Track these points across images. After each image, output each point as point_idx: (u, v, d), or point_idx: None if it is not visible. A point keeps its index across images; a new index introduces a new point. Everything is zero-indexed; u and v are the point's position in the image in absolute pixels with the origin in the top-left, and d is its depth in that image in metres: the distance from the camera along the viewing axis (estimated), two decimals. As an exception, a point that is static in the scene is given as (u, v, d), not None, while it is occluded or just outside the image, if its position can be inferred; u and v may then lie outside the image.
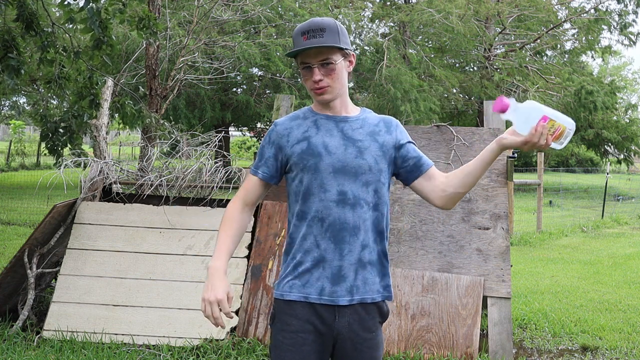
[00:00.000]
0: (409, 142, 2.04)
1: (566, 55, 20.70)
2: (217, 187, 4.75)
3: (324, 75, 1.91)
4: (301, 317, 1.91)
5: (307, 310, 1.90)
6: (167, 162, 5.06)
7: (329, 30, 1.89)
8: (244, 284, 4.21)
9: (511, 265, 4.24)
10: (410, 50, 17.08)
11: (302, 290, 1.91)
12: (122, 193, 4.84)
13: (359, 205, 1.91)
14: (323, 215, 1.90)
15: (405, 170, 2.02)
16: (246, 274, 4.26)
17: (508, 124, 1.89)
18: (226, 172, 4.82)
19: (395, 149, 2.01)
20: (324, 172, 1.91)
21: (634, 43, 18.86)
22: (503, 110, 1.87)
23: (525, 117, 1.85)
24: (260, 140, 24.30)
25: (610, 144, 20.53)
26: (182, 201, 4.72)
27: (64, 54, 5.25)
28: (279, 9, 14.81)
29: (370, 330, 1.94)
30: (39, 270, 4.26)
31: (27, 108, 20.64)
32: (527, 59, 17.94)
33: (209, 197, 4.67)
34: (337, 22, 1.94)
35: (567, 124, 1.87)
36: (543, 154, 11.24)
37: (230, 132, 23.22)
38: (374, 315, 1.95)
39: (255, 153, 4.86)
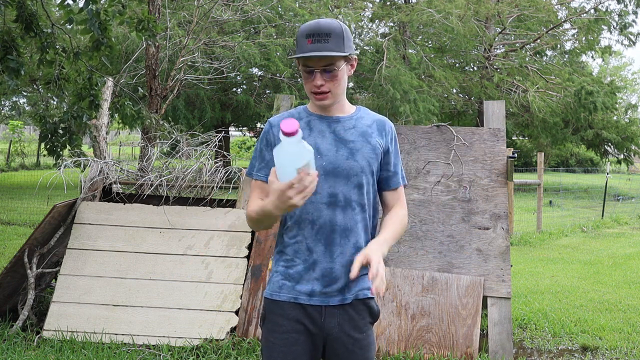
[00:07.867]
0: (395, 152, 2.02)
1: (566, 55, 20.71)
2: (217, 187, 4.75)
3: (325, 80, 1.88)
4: (291, 318, 1.90)
5: (297, 311, 1.90)
6: (167, 162, 5.06)
7: (334, 36, 1.84)
8: (244, 284, 4.22)
9: (511, 265, 4.24)
10: (410, 51, 17.07)
11: (292, 290, 1.91)
12: (122, 193, 4.84)
13: (350, 207, 1.90)
14: (314, 217, 1.89)
15: (378, 178, 2.01)
16: (246, 274, 4.26)
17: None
18: (226, 172, 4.82)
19: (383, 153, 1.99)
20: None
21: (634, 43, 18.87)
22: (290, 133, 1.61)
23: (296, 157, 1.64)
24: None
25: (610, 144, 20.57)
26: (182, 201, 4.72)
27: (64, 54, 5.25)
28: (279, 9, 14.81)
29: (361, 331, 1.93)
30: (39, 270, 4.27)
31: (27, 108, 20.63)
32: (527, 59, 17.94)
33: (209, 197, 4.67)
34: (342, 25, 1.89)
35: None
36: (543, 153, 11.20)
37: (230, 132, 23.21)
38: (364, 315, 1.95)
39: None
